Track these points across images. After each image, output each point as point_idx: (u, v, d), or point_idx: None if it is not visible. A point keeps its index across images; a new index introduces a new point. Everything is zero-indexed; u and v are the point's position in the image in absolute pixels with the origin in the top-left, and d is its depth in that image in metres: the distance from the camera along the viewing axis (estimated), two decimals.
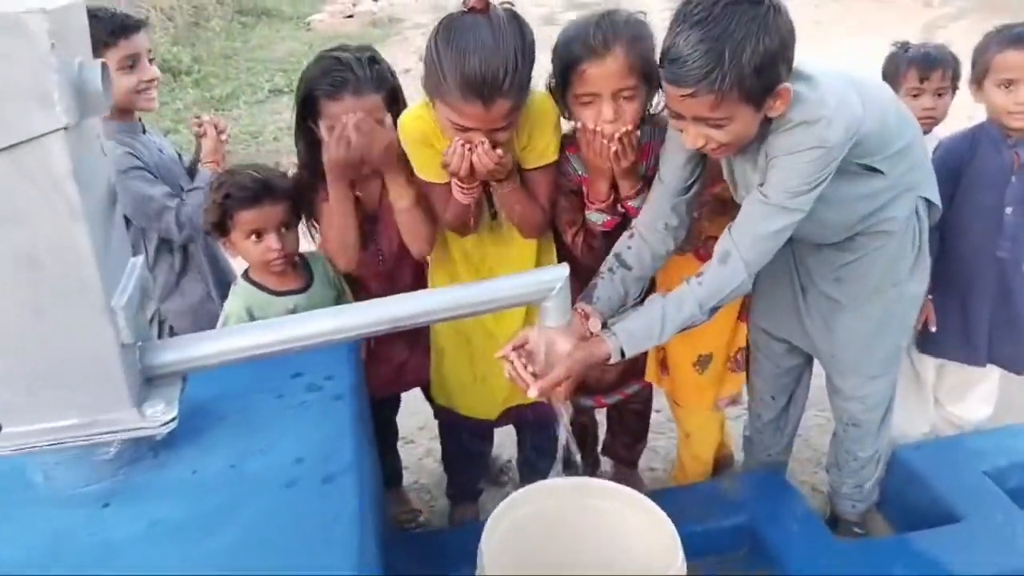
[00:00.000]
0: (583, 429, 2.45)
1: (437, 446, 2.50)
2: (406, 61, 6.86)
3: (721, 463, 2.43)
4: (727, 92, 1.42)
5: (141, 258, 1.34)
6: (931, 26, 8.89)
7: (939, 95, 2.33)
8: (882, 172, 1.68)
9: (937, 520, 2.11)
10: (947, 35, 8.18)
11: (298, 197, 1.91)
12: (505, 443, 2.57)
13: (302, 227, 2.01)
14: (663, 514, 1.58)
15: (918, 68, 2.32)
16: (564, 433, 1.63)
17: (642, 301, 1.73)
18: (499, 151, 1.65)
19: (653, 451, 2.64)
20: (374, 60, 1.86)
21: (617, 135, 1.69)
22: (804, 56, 1.55)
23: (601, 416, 2.51)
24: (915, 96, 2.32)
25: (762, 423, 2.30)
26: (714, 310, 1.64)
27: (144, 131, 2.28)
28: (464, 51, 1.53)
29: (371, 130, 1.77)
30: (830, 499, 2.35)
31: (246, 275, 1.93)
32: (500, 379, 2.05)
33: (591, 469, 2.52)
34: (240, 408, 1.48)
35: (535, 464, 2.24)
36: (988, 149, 2.11)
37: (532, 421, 2.20)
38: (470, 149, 1.62)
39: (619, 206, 1.88)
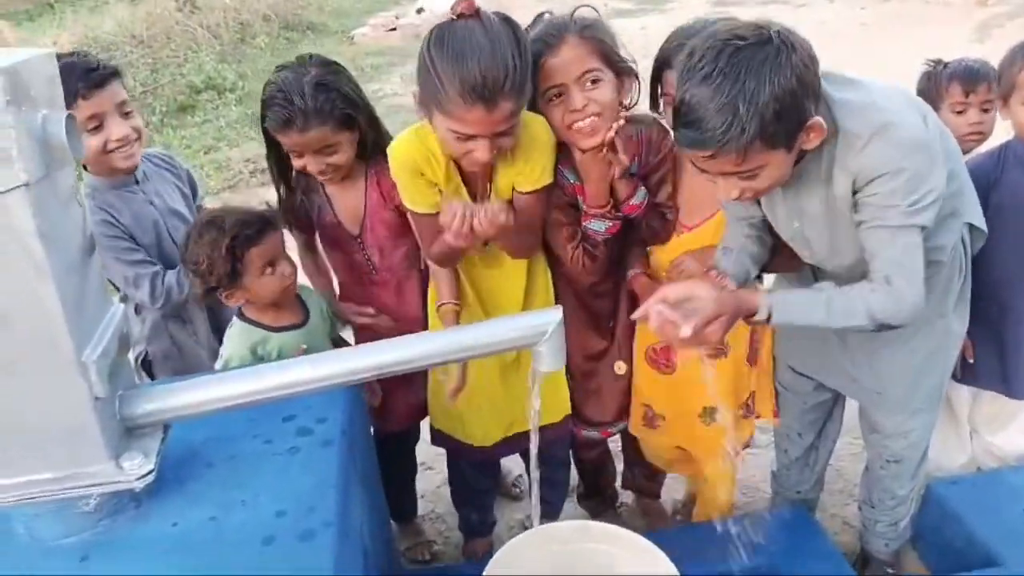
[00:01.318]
0: (596, 465, 2.38)
1: None
2: None
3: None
4: (750, 147, 1.35)
5: (121, 306, 1.32)
6: (986, 25, 8.58)
7: (985, 110, 2.21)
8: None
9: (974, 561, 2.00)
10: (1003, 35, 7.89)
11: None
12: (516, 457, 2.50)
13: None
14: (665, 558, 1.54)
15: (961, 82, 2.21)
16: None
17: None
18: (502, 216, 1.62)
19: (675, 480, 2.56)
20: (323, 86, 1.80)
21: (609, 136, 1.68)
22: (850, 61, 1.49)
23: (617, 447, 2.44)
24: (959, 112, 2.21)
25: (789, 460, 2.21)
26: (883, 326, 1.53)
27: (138, 181, 2.10)
28: (460, 56, 1.50)
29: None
30: (861, 536, 2.25)
31: (241, 315, 1.91)
32: (499, 406, 2.03)
33: (608, 503, 2.46)
34: (228, 454, 1.45)
35: (546, 498, 2.18)
36: (1015, 169, 2.00)
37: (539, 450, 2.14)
38: (471, 214, 1.60)
39: (617, 210, 1.85)
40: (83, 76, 1.89)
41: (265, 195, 5.78)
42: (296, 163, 1.90)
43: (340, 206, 1.98)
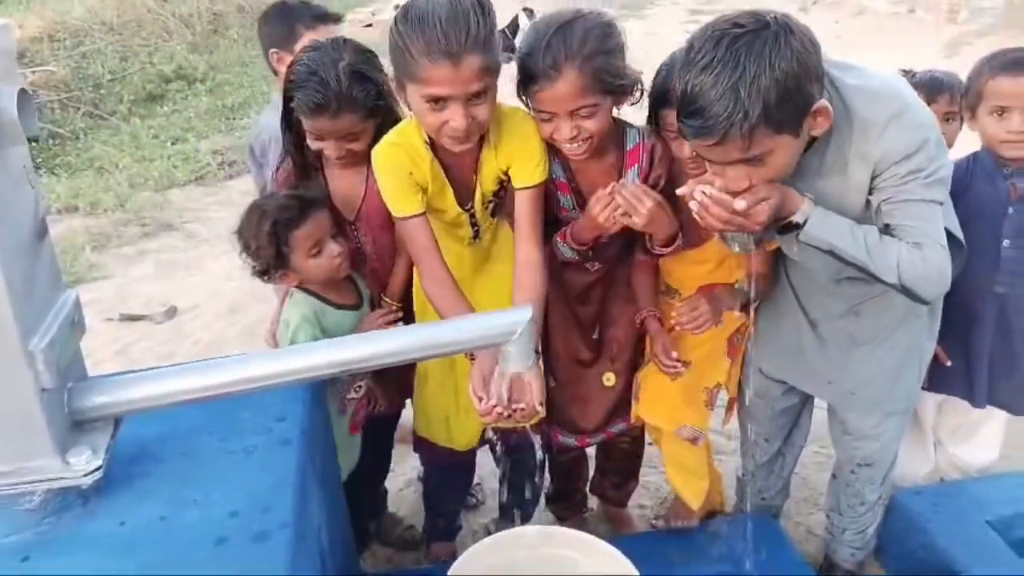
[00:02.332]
0: (569, 467, 2.35)
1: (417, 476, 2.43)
2: None
3: (712, 513, 2.32)
4: (755, 129, 1.34)
5: (73, 294, 1.27)
6: (956, 43, 8.71)
7: (947, 120, 2.24)
8: None
9: (936, 571, 2.01)
10: (973, 52, 7.99)
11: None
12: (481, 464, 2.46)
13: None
14: (628, 563, 1.55)
15: (924, 92, 2.22)
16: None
17: None
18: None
19: (643, 487, 2.54)
20: (359, 74, 1.79)
21: (620, 187, 1.67)
22: None
23: (593, 453, 2.41)
24: None
25: (755, 465, 2.20)
26: (905, 289, 1.52)
27: None
28: (422, 19, 1.50)
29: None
30: (827, 545, 2.25)
31: (300, 287, 1.88)
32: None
33: (577, 508, 2.43)
34: (181, 451, 1.40)
35: (517, 505, 2.14)
36: (983, 180, 2.01)
37: (511, 447, 2.11)
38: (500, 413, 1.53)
39: (589, 255, 1.84)
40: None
41: (234, 187, 5.73)
42: (313, 144, 1.87)
43: (337, 190, 1.94)
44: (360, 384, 1.94)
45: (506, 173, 1.77)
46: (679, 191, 1.55)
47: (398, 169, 1.72)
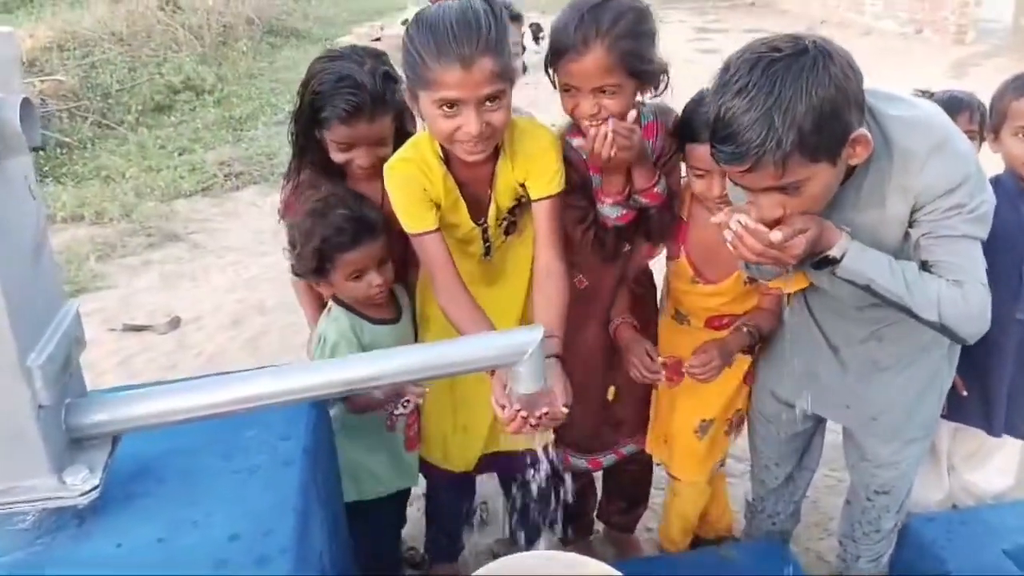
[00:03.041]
0: (578, 494, 2.31)
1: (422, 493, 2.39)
2: None
3: (723, 536, 2.28)
4: (789, 157, 1.30)
5: (75, 305, 1.24)
6: (963, 63, 8.72)
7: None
8: None
9: None
10: (980, 73, 8.01)
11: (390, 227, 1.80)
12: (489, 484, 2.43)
13: None
14: None
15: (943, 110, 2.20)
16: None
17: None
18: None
19: (651, 509, 2.49)
20: (389, 76, 1.79)
21: (609, 131, 1.63)
22: None
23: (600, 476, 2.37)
24: None
25: (766, 490, 2.15)
26: (944, 328, 1.48)
27: None
28: (434, 24, 1.50)
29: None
30: (839, 572, 2.20)
31: (338, 300, 1.86)
32: (481, 428, 1.96)
33: (584, 532, 2.39)
34: (182, 470, 1.36)
35: (521, 523, 2.10)
36: (1004, 204, 1.95)
37: (517, 471, 2.07)
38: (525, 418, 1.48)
39: (634, 198, 1.80)
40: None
41: (240, 198, 5.72)
42: (340, 157, 1.84)
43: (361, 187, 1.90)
44: (408, 400, 1.88)
45: (523, 187, 1.73)
46: (714, 219, 1.50)
47: (411, 184, 1.68)
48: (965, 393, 2.09)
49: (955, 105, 2.23)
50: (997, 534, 2.08)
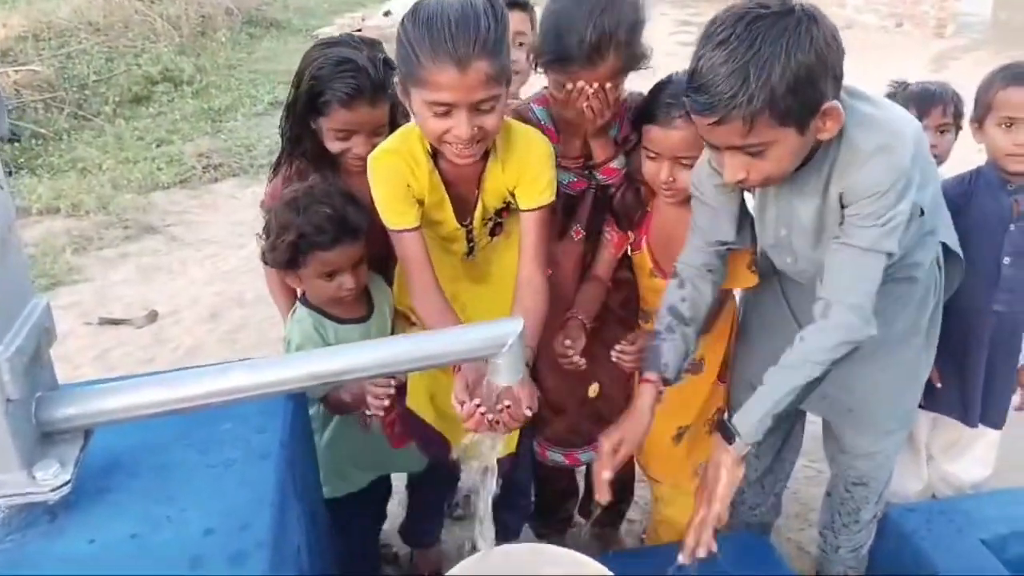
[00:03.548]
0: (560, 491, 2.31)
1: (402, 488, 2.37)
2: None
3: None
4: (757, 115, 1.29)
5: (44, 300, 1.21)
6: (943, 57, 8.76)
7: (941, 132, 2.22)
8: (922, 208, 1.55)
9: None
10: (959, 67, 8.06)
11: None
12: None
13: None
14: None
15: (916, 104, 2.21)
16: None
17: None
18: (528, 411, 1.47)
19: (634, 502, 2.49)
20: (388, 63, 1.77)
21: (592, 90, 1.64)
22: None
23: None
24: None
25: (746, 482, 2.15)
26: (834, 362, 1.50)
27: None
28: (431, 20, 1.44)
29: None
30: (819, 562, 2.20)
31: (304, 300, 1.82)
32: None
33: (562, 527, 2.38)
34: (156, 464, 1.34)
35: (506, 521, 2.09)
36: (985, 195, 1.98)
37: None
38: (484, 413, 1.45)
39: (593, 172, 1.82)
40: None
41: (218, 191, 5.66)
42: (337, 146, 1.81)
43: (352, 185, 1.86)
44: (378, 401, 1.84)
45: (511, 193, 1.70)
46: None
47: (395, 179, 1.64)
48: (939, 385, 2.10)
49: (928, 98, 2.24)
50: (976, 524, 2.09)
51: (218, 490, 1.28)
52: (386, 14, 11.25)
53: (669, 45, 9.79)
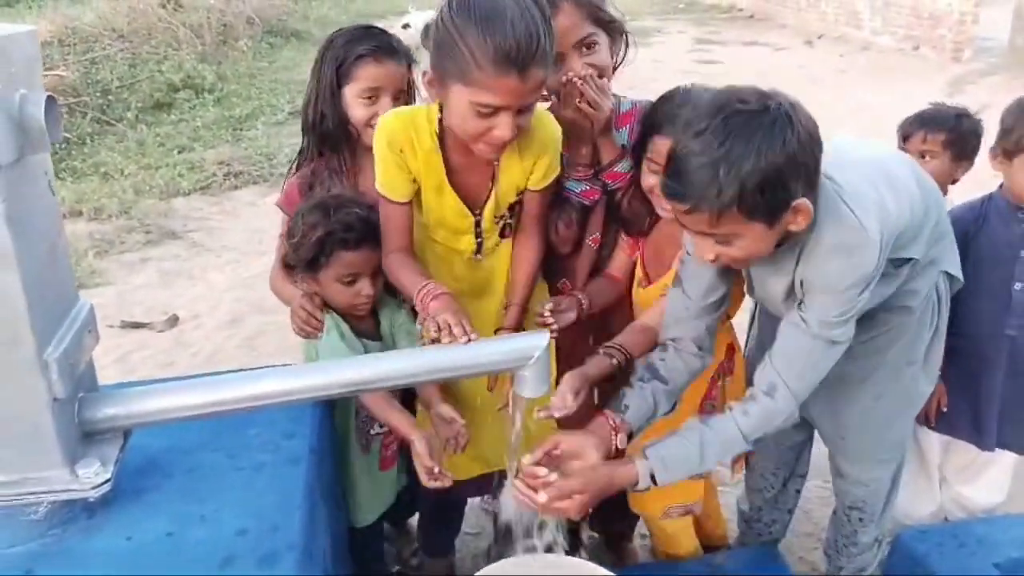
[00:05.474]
0: None
1: None
2: None
3: (718, 544, 2.29)
4: (725, 209, 1.30)
5: (88, 303, 1.26)
6: (959, 81, 8.77)
7: (923, 157, 2.19)
8: (914, 259, 1.58)
9: None
10: (976, 91, 8.07)
11: None
12: None
13: None
14: None
15: (901, 129, 2.24)
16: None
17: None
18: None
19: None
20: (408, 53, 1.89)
21: (583, 75, 1.68)
22: (832, 132, 1.43)
23: None
24: None
25: (763, 499, 2.17)
26: (759, 440, 1.54)
27: None
28: (490, 21, 1.39)
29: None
30: None
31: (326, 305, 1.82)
32: (482, 437, 1.95)
33: (575, 538, 2.40)
34: (189, 466, 1.38)
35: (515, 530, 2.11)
36: (996, 222, 2.00)
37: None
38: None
39: (600, 177, 1.83)
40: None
41: (238, 198, 5.73)
42: (363, 112, 1.85)
43: (370, 191, 1.83)
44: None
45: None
46: (526, 460, 1.50)
47: (394, 141, 1.62)
48: (945, 409, 2.12)
49: (908, 124, 2.25)
50: (989, 548, 2.10)
51: (249, 493, 1.32)
52: (405, 27, 11.33)
53: (686, 63, 9.86)
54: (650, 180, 1.76)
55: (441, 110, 1.60)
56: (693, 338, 1.64)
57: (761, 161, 1.27)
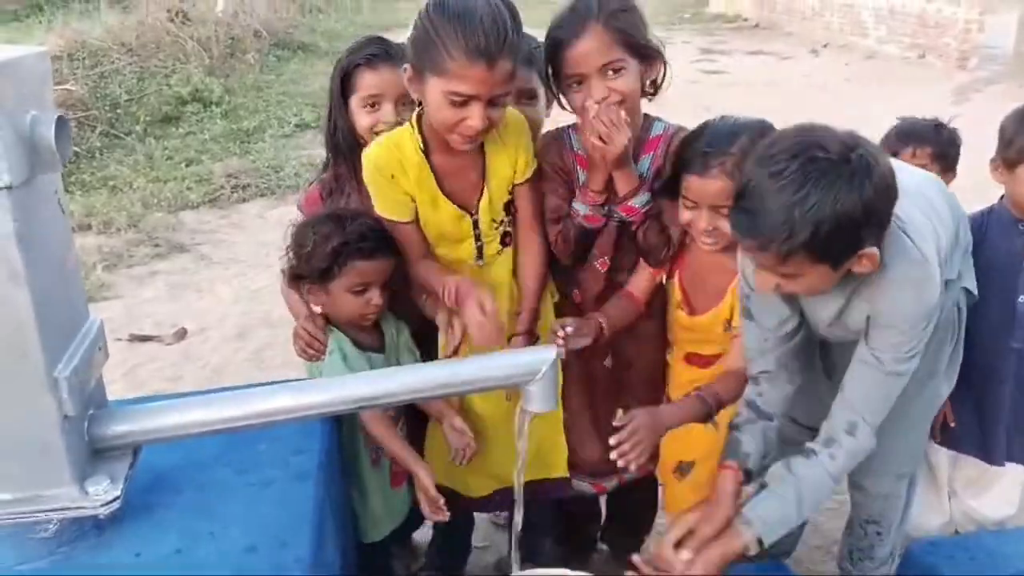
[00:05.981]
0: (583, 516, 2.32)
1: None
2: None
3: None
4: (794, 252, 1.32)
5: (98, 319, 1.26)
6: (965, 89, 8.76)
7: None
8: (950, 279, 1.61)
9: None
10: (981, 99, 8.06)
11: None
12: None
13: None
14: None
15: (890, 142, 2.25)
16: None
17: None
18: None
19: (656, 531, 2.50)
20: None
21: (603, 106, 1.67)
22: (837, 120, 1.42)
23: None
24: None
25: None
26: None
27: None
28: (462, 15, 1.52)
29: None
30: None
31: (327, 319, 1.83)
32: (494, 455, 1.95)
33: (585, 551, 2.39)
34: (198, 482, 1.38)
35: (530, 544, 2.10)
36: (998, 234, 1.99)
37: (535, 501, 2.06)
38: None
39: (608, 207, 1.80)
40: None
41: (246, 210, 5.75)
42: (366, 120, 1.89)
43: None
44: None
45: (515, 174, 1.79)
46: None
47: (383, 168, 1.73)
48: (952, 424, 2.11)
49: (904, 137, 2.24)
50: (998, 560, 2.08)
51: (258, 509, 1.32)
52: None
53: (692, 72, 9.86)
54: (687, 216, 1.74)
55: (419, 120, 1.70)
56: (781, 366, 1.67)
57: (838, 211, 1.28)
